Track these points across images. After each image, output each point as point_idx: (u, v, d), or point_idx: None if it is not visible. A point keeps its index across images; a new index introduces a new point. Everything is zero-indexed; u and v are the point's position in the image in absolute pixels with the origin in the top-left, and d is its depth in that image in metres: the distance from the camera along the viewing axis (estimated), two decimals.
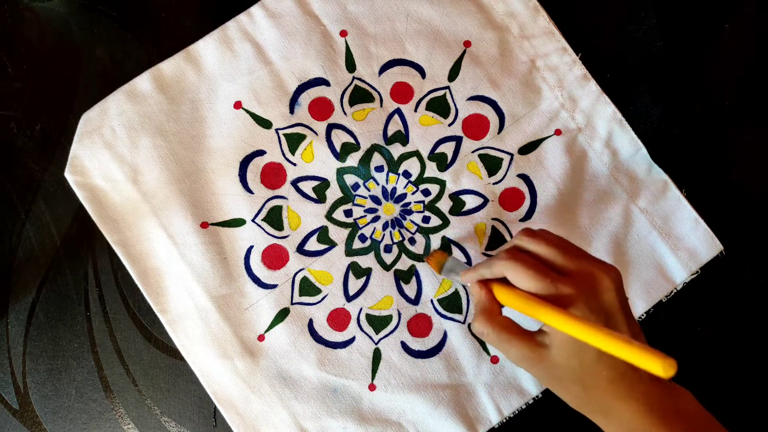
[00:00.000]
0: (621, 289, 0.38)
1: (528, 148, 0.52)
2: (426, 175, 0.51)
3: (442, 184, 0.51)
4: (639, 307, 0.50)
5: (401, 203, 0.51)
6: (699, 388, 0.51)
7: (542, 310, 0.36)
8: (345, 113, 0.52)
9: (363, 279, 0.50)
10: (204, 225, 0.50)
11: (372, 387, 0.49)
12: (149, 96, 0.51)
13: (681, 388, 0.38)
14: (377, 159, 0.51)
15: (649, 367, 0.31)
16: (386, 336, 0.50)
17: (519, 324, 0.39)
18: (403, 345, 0.50)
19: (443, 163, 0.52)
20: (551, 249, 0.39)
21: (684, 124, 0.53)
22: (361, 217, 0.51)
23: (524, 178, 0.51)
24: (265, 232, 0.50)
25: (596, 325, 0.34)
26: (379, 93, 0.52)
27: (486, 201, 0.51)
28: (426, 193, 0.51)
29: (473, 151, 0.52)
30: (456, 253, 0.51)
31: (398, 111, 0.52)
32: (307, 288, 0.50)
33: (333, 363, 0.49)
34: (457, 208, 0.51)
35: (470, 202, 0.51)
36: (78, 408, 0.49)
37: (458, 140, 0.52)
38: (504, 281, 0.40)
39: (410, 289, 0.50)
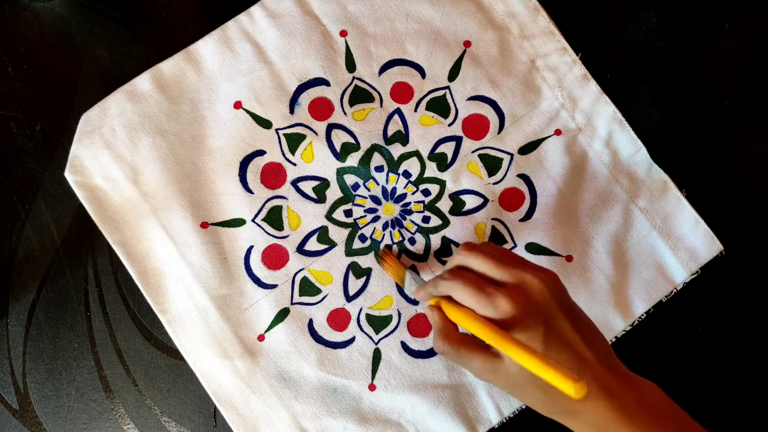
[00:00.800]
0: (557, 290, 0.39)
1: (528, 148, 0.52)
2: (426, 175, 0.51)
3: (442, 184, 0.51)
4: (639, 307, 0.50)
5: (401, 203, 0.51)
6: (699, 388, 0.52)
7: (480, 327, 0.37)
8: (345, 113, 0.52)
9: (363, 279, 0.50)
10: (204, 225, 0.50)
11: (372, 387, 0.49)
12: (149, 96, 0.51)
13: (645, 380, 0.39)
14: (377, 159, 0.51)
15: (561, 388, 0.32)
16: (386, 336, 0.50)
17: (474, 339, 0.40)
18: (403, 345, 0.50)
19: (443, 163, 0.52)
20: (486, 262, 0.40)
21: (684, 124, 0.53)
22: (361, 217, 0.51)
23: (524, 178, 0.51)
24: (265, 232, 0.50)
25: (513, 343, 0.35)
26: (379, 93, 0.52)
27: (486, 201, 0.51)
28: (426, 193, 0.51)
29: (473, 151, 0.52)
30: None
31: (398, 111, 0.52)
32: (307, 288, 0.50)
33: (333, 363, 0.49)
34: (457, 208, 0.51)
35: (470, 202, 0.51)
36: (78, 408, 0.49)
37: (458, 140, 0.52)
38: (451, 299, 0.41)
39: None
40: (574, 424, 0.38)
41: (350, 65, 0.52)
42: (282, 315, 0.49)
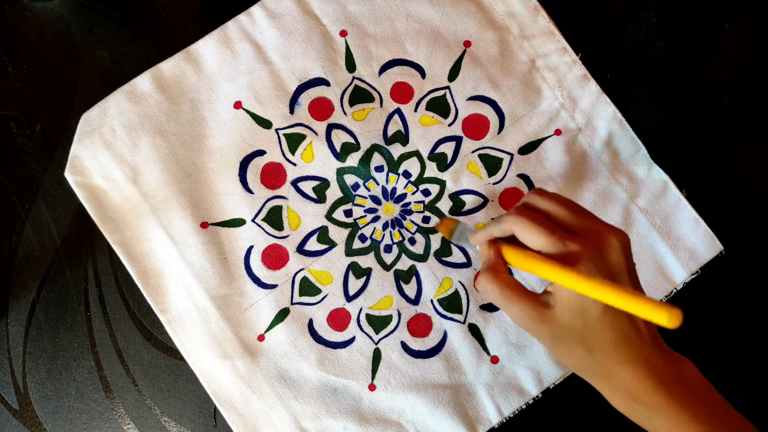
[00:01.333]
0: (628, 252, 0.38)
1: (528, 148, 0.52)
2: (426, 175, 0.51)
3: (442, 184, 0.51)
4: None
5: (401, 203, 0.51)
6: None
7: (547, 266, 0.35)
8: (345, 113, 0.52)
9: (363, 279, 0.50)
10: (204, 225, 0.50)
11: (372, 387, 0.49)
12: (149, 96, 0.51)
13: (684, 357, 0.39)
14: (377, 159, 0.51)
15: (655, 318, 0.31)
16: (386, 336, 0.50)
17: (524, 285, 0.39)
18: (403, 345, 0.50)
19: (443, 163, 0.52)
20: (561, 207, 0.38)
21: (684, 124, 0.53)
22: (361, 217, 0.51)
23: (524, 178, 0.51)
24: (265, 232, 0.50)
25: (601, 279, 0.34)
26: (379, 93, 0.52)
27: (486, 201, 0.51)
28: (426, 193, 0.51)
29: (473, 151, 0.52)
30: (456, 253, 0.51)
31: (398, 111, 0.52)
32: (307, 288, 0.50)
33: (333, 363, 0.49)
34: (457, 208, 0.51)
35: (470, 202, 0.51)
36: (78, 408, 0.49)
37: (458, 140, 0.52)
38: (513, 242, 0.39)
39: (410, 289, 0.50)
40: (607, 387, 0.38)
41: (350, 65, 0.52)
42: (282, 315, 0.49)
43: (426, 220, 0.51)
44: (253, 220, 0.50)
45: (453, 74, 0.52)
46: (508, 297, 0.38)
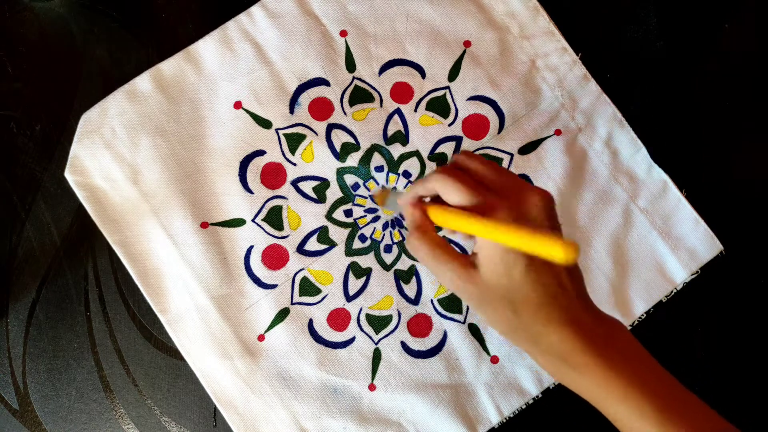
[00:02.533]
0: (550, 211, 0.38)
1: (528, 148, 0.52)
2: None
3: None
4: (639, 307, 0.50)
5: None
6: (699, 388, 0.51)
7: (464, 218, 0.35)
8: (345, 113, 0.52)
9: (363, 279, 0.50)
10: (204, 225, 0.50)
11: (372, 387, 0.49)
12: (149, 96, 0.51)
13: (617, 321, 0.38)
14: (377, 159, 0.51)
15: (550, 253, 0.30)
16: (386, 336, 0.50)
17: (451, 247, 0.39)
18: (403, 345, 0.50)
19: (443, 164, 0.51)
20: (485, 166, 0.39)
21: (684, 124, 0.53)
22: (361, 217, 0.51)
23: (524, 178, 0.51)
24: (265, 232, 0.50)
25: (501, 221, 0.33)
26: (379, 93, 0.52)
27: None
28: None
29: (473, 151, 0.52)
30: None
31: (398, 111, 0.52)
32: (307, 288, 0.50)
33: (333, 363, 0.49)
34: None
35: None
36: (78, 408, 0.49)
37: (458, 140, 0.52)
38: (438, 202, 0.39)
39: (410, 289, 0.50)
40: (535, 349, 0.37)
41: (350, 65, 0.52)
42: (282, 315, 0.49)
43: None
44: (253, 220, 0.50)
45: (453, 74, 0.52)
46: (437, 256, 0.38)
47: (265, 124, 0.51)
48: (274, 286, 0.50)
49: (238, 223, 0.50)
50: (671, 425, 0.35)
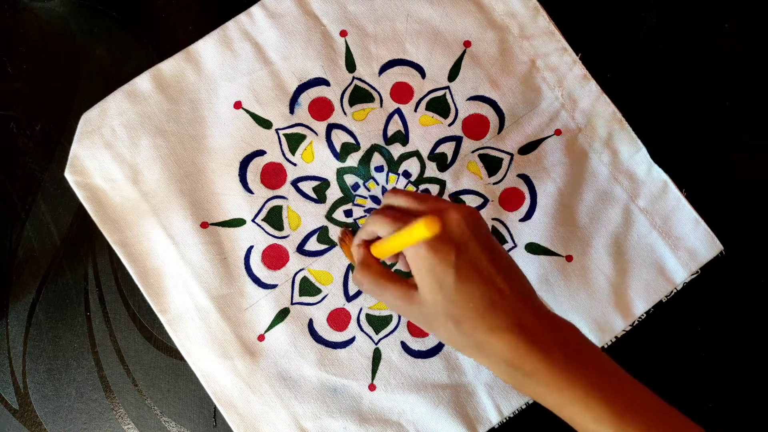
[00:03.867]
0: (474, 221, 0.38)
1: (528, 148, 0.52)
2: (426, 175, 0.51)
3: (442, 184, 0.51)
4: (639, 307, 0.50)
5: None
6: (699, 388, 0.52)
7: (388, 240, 0.38)
8: (345, 113, 0.52)
9: None
10: (204, 225, 0.50)
11: (372, 387, 0.49)
12: (149, 96, 0.51)
13: (568, 323, 0.38)
14: (377, 159, 0.51)
15: (418, 235, 0.31)
16: (386, 336, 0.50)
17: (393, 274, 0.40)
18: (403, 345, 0.50)
19: (443, 163, 0.52)
20: (408, 198, 0.40)
21: (684, 124, 0.53)
22: (361, 217, 0.51)
23: (524, 178, 0.51)
24: (265, 232, 0.50)
25: (401, 230, 0.35)
26: (379, 93, 0.52)
27: (486, 201, 0.51)
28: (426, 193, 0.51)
29: (473, 151, 0.52)
30: None
31: (398, 111, 0.52)
32: (307, 288, 0.50)
33: (333, 363, 0.49)
34: None
35: (470, 202, 0.51)
36: (78, 408, 0.49)
37: (458, 140, 0.52)
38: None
39: None
40: (486, 359, 0.37)
41: (350, 65, 0.52)
42: (282, 315, 0.49)
43: None
44: (253, 220, 0.50)
45: (453, 74, 0.52)
46: (379, 284, 0.39)
47: (265, 124, 0.51)
48: (274, 286, 0.50)
49: (238, 223, 0.50)
50: (627, 424, 0.35)
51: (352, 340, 0.50)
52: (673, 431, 0.36)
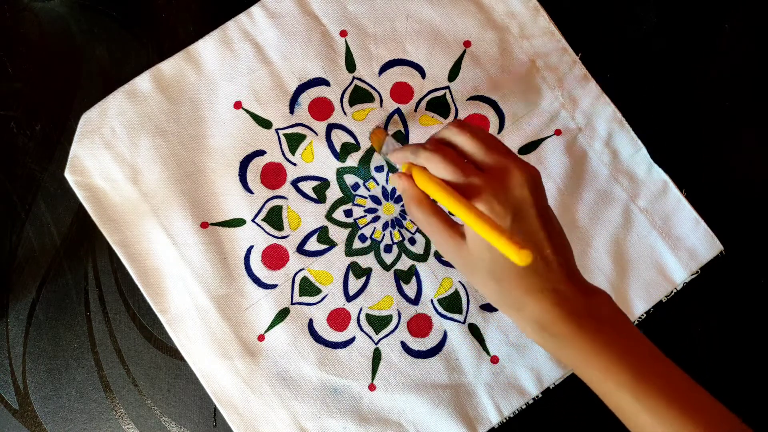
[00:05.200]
0: (536, 187, 0.39)
1: (528, 148, 0.52)
2: None
3: None
4: (639, 307, 0.50)
5: (401, 203, 0.51)
6: None
7: (445, 195, 0.37)
8: (345, 113, 0.52)
9: (363, 279, 0.50)
10: (204, 225, 0.50)
11: (372, 387, 0.49)
12: (149, 96, 0.51)
13: (600, 290, 0.39)
14: (377, 159, 0.51)
15: (506, 253, 0.32)
16: (386, 336, 0.50)
17: (446, 215, 0.40)
18: (403, 345, 0.50)
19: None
20: (474, 143, 0.40)
21: (684, 124, 0.53)
22: (361, 217, 0.51)
23: None
24: (265, 232, 0.50)
25: (471, 209, 0.35)
26: (379, 93, 0.52)
27: None
28: None
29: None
30: None
31: (398, 111, 0.52)
32: (307, 288, 0.50)
33: (333, 363, 0.49)
34: None
35: None
36: (78, 408, 0.49)
37: None
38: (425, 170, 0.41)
39: (410, 289, 0.50)
40: (519, 317, 0.38)
41: (350, 65, 0.52)
42: (282, 315, 0.49)
43: None
44: (253, 220, 0.50)
45: (453, 74, 0.52)
46: (431, 223, 0.40)
47: (265, 124, 0.51)
48: (274, 286, 0.50)
49: (238, 223, 0.50)
50: (648, 396, 0.35)
51: (352, 340, 0.50)
52: (697, 408, 0.36)
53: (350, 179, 0.51)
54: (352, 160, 0.51)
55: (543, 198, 0.39)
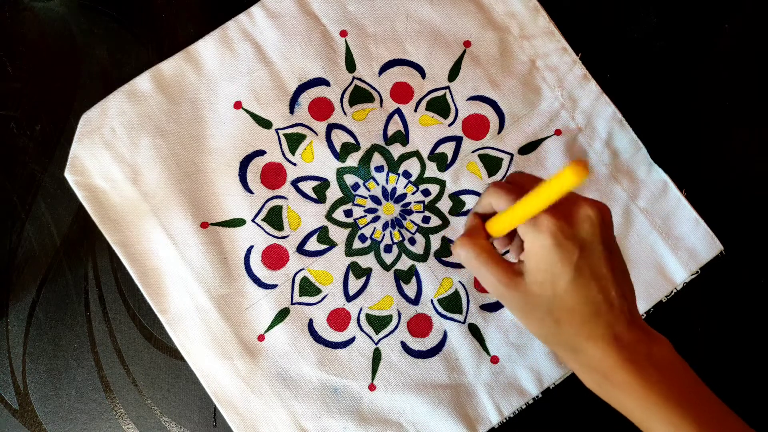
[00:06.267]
0: (605, 223, 0.37)
1: (528, 148, 0.52)
2: (426, 175, 0.51)
3: (442, 184, 0.51)
4: (639, 307, 0.50)
5: (401, 203, 0.51)
6: None
7: (509, 212, 0.36)
8: (345, 113, 0.52)
9: (363, 279, 0.50)
10: (204, 225, 0.50)
11: (372, 387, 0.49)
12: (149, 96, 0.51)
13: (660, 336, 0.38)
14: (377, 159, 0.51)
15: (566, 184, 0.30)
16: (386, 336, 0.50)
17: (498, 255, 0.38)
18: (403, 345, 0.50)
19: (443, 164, 0.51)
20: (536, 179, 0.38)
21: (684, 124, 0.53)
22: (361, 217, 0.51)
23: None
24: (265, 232, 0.50)
25: (533, 195, 0.33)
26: (379, 93, 0.52)
27: None
28: (426, 193, 0.51)
29: (473, 151, 0.52)
30: None
31: (398, 111, 0.52)
32: (307, 288, 0.50)
33: (333, 363, 0.49)
34: (457, 208, 0.51)
35: (470, 202, 0.51)
36: (78, 408, 0.49)
37: (458, 140, 0.52)
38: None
39: (410, 289, 0.50)
40: (576, 362, 0.37)
41: (350, 65, 0.52)
42: (282, 315, 0.49)
43: (426, 220, 0.51)
44: (253, 220, 0.50)
45: (453, 74, 0.52)
46: (482, 261, 0.37)
47: (265, 124, 0.51)
48: (274, 286, 0.50)
49: (238, 223, 0.50)
50: None
51: (352, 340, 0.50)
52: None
53: (350, 179, 0.51)
54: (352, 160, 0.51)
55: (611, 236, 0.37)
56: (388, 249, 0.51)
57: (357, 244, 0.51)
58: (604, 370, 0.36)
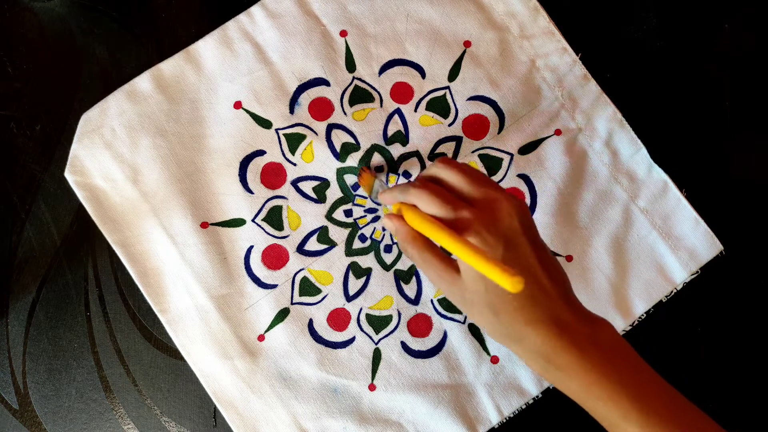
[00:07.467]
0: (524, 216, 0.38)
1: (528, 148, 0.52)
2: None
3: None
4: (639, 307, 0.50)
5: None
6: (699, 388, 0.51)
7: (436, 231, 0.37)
8: (345, 113, 0.52)
9: (363, 279, 0.50)
10: (204, 225, 0.50)
11: (372, 387, 0.49)
12: (149, 96, 0.51)
13: (602, 319, 0.38)
14: (377, 159, 0.51)
15: (499, 281, 0.31)
16: (386, 336, 0.50)
17: (439, 249, 0.40)
18: (403, 345, 0.50)
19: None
20: (460, 177, 0.40)
21: (684, 124, 0.53)
22: (361, 217, 0.51)
23: (524, 178, 0.51)
24: (265, 232, 0.50)
25: (461, 242, 0.34)
26: (379, 93, 0.52)
27: None
28: None
29: (473, 151, 0.52)
30: None
31: (398, 111, 0.52)
32: (307, 288, 0.50)
33: (333, 363, 0.49)
34: None
35: None
36: (78, 408, 0.49)
37: (458, 140, 0.52)
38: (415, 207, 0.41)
39: (410, 289, 0.50)
40: (520, 350, 0.38)
41: (350, 65, 0.52)
42: (282, 315, 0.49)
43: None
44: (253, 220, 0.50)
45: (453, 74, 0.52)
46: (424, 258, 0.40)
47: (265, 124, 0.51)
48: (274, 286, 0.50)
49: (238, 223, 0.50)
50: (655, 426, 0.35)
51: (352, 340, 0.50)
52: None
53: (350, 179, 0.51)
54: (352, 160, 0.51)
55: (533, 228, 0.39)
56: (388, 249, 0.51)
57: (357, 244, 0.51)
58: (546, 353, 0.36)
